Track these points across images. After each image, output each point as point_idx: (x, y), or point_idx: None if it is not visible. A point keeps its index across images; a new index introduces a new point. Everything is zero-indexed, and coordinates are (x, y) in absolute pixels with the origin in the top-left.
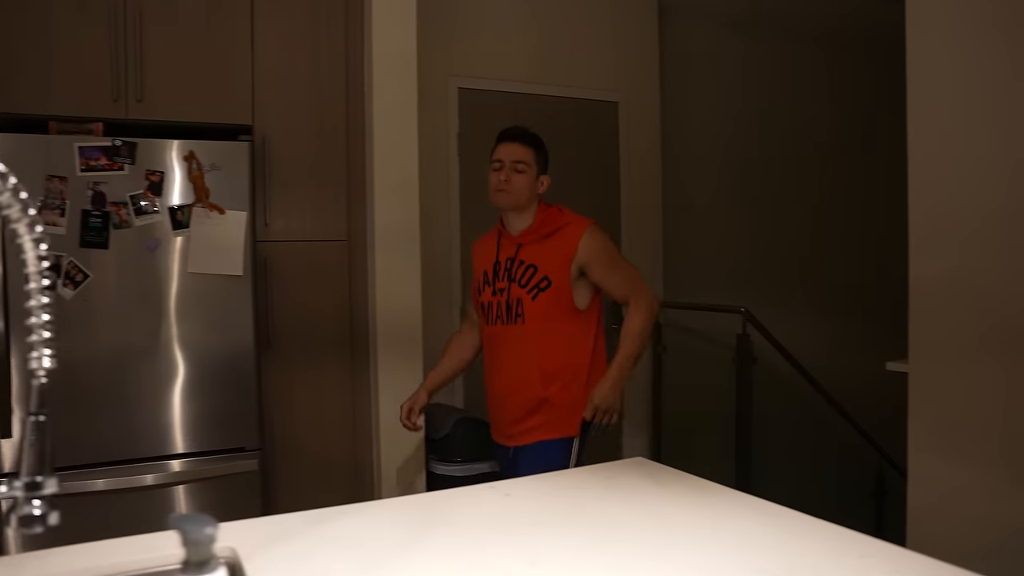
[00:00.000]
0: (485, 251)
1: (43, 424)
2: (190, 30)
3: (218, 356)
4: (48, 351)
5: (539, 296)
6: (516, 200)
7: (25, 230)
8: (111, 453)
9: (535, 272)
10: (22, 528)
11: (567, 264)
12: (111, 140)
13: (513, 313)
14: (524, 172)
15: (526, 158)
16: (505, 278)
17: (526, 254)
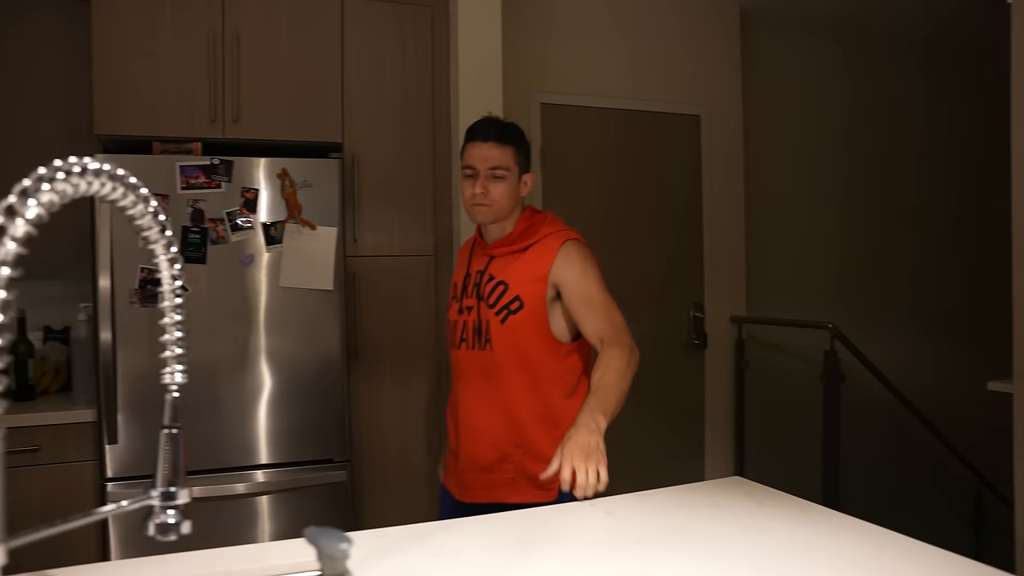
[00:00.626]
0: (460, 261)
1: (176, 436)
2: (283, 52)
3: (308, 369)
4: (180, 367)
5: (509, 319)
6: (497, 213)
7: (162, 250)
8: (204, 462)
9: (505, 290)
10: (158, 535)
11: (541, 282)
12: (209, 159)
13: (481, 337)
14: (504, 179)
15: (504, 161)
16: (474, 295)
17: (497, 268)
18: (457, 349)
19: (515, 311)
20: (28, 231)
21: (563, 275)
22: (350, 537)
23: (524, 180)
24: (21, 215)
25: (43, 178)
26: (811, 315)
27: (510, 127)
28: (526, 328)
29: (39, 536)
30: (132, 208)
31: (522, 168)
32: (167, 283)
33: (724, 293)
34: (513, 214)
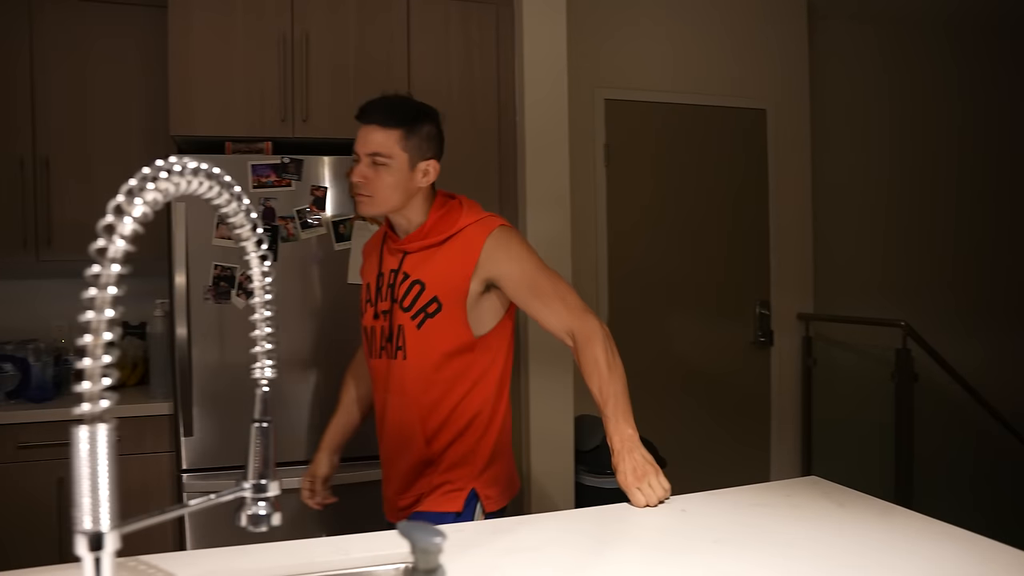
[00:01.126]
0: (370, 258)
1: (267, 429)
2: (351, 51)
3: None
4: (270, 362)
5: (426, 324)
6: (381, 206)
7: (253, 247)
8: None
9: (422, 291)
10: (250, 526)
11: (464, 281)
12: (280, 158)
13: (394, 344)
14: (386, 166)
15: (386, 147)
16: (388, 297)
17: (412, 265)
18: (377, 358)
19: (432, 314)
20: (135, 229)
21: (500, 269)
22: (444, 531)
23: (422, 168)
24: (128, 213)
25: (147, 177)
26: (882, 312)
27: (401, 106)
28: (441, 332)
29: (147, 523)
30: (226, 206)
31: (416, 154)
32: (257, 279)
33: (791, 290)
34: (416, 204)
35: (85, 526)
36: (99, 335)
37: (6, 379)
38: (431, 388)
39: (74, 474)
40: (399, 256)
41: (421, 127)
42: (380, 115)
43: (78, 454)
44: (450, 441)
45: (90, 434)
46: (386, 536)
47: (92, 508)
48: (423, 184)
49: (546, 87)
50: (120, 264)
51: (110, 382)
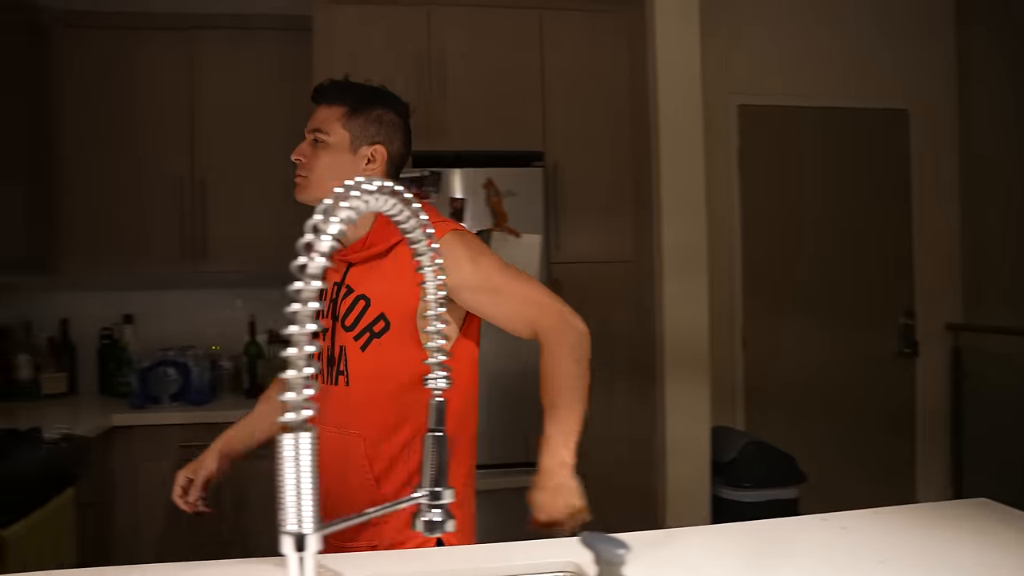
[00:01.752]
0: None
1: (441, 439)
2: (485, 66)
3: (516, 374)
4: (443, 373)
5: (372, 345)
6: (315, 190)
7: (428, 261)
8: None
9: (367, 307)
10: (425, 532)
11: (415, 296)
12: (420, 171)
13: (335, 369)
14: (324, 144)
15: (327, 123)
16: (329, 314)
17: (356, 279)
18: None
19: (379, 333)
20: (333, 245)
21: (450, 277)
22: (627, 542)
23: (365, 153)
24: (325, 231)
25: (341, 196)
26: None
27: (353, 87)
28: (390, 354)
29: (344, 526)
30: (405, 222)
31: (360, 136)
32: (431, 292)
33: (937, 299)
34: None
35: (290, 527)
36: (302, 347)
37: (169, 383)
38: (378, 420)
39: (279, 479)
40: (343, 268)
41: (370, 109)
42: (328, 93)
43: (284, 460)
44: (404, 483)
45: (294, 442)
46: (549, 544)
47: (297, 511)
48: (367, 173)
49: (680, 94)
50: (320, 279)
51: (313, 392)
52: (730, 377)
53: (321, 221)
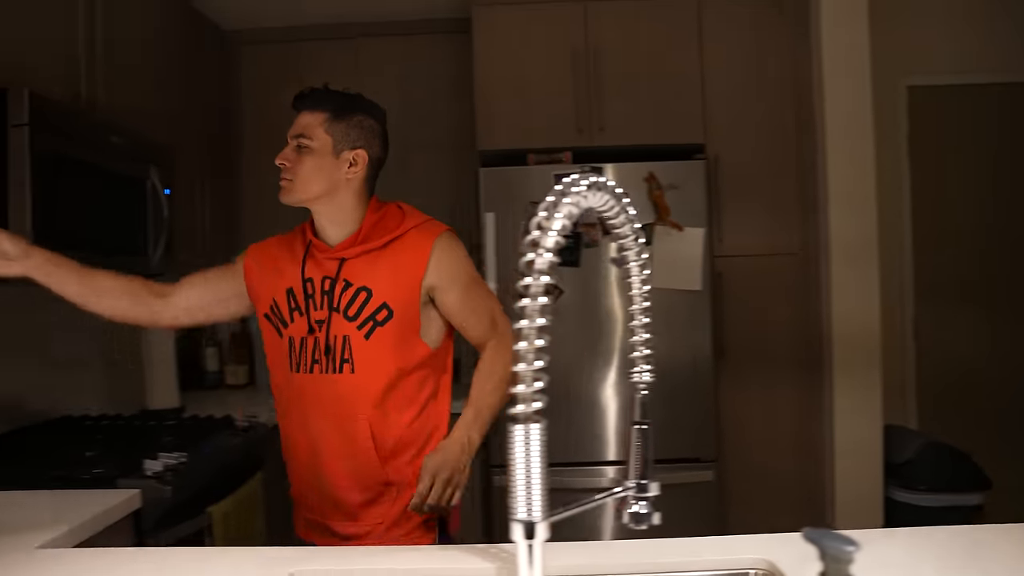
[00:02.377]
0: (277, 262)
1: (646, 431)
2: (642, 59)
3: (675, 367)
4: (647, 366)
5: (375, 332)
6: (300, 192)
7: (634, 256)
8: (573, 454)
9: (369, 298)
10: (631, 524)
11: (415, 287)
12: (580, 167)
13: (337, 357)
14: (308, 149)
15: (309, 129)
16: (325, 306)
17: (354, 272)
18: (304, 374)
19: (383, 322)
20: (557, 241)
21: (440, 279)
22: (856, 540)
23: (347, 157)
24: (550, 228)
25: (561, 193)
26: None
27: (333, 93)
28: (395, 341)
29: (568, 514)
30: (615, 217)
31: (342, 141)
32: (636, 287)
33: None
34: (345, 203)
35: (521, 515)
36: (532, 341)
37: None
38: (384, 402)
39: (510, 468)
40: (335, 263)
41: (351, 115)
42: (309, 100)
43: (514, 450)
44: (408, 462)
45: (525, 433)
46: (741, 540)
47: (527, 500)
48: (350, 176)
49: (848, 80)
50: (548, 275)
51: (542, 385)
52: (900, 373)
53: (544, 219)
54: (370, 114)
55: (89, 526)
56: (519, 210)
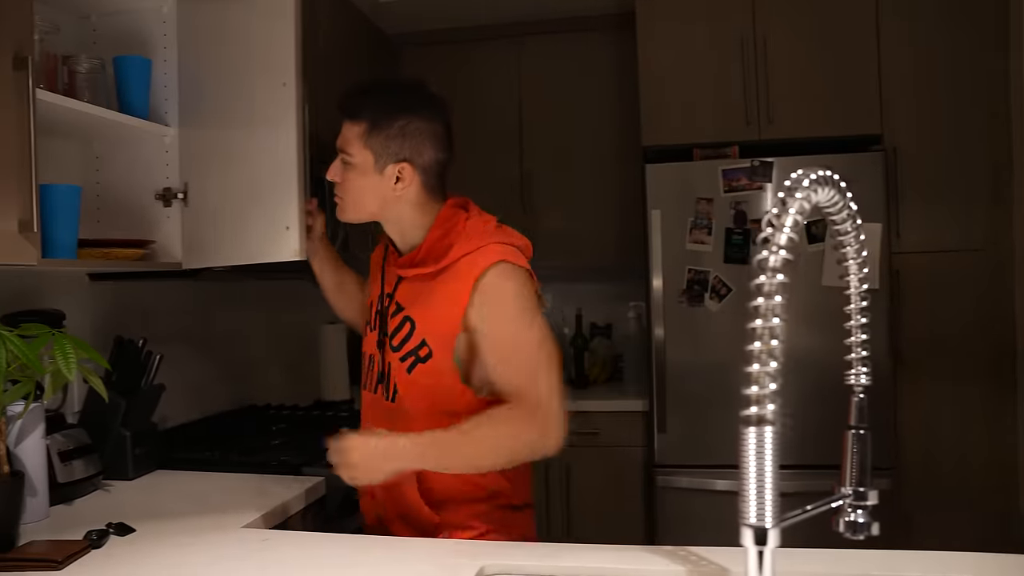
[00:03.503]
0: (374, 272)
1: (864, 436)
2: (813, 48)
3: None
4: (865, 369)
5: (416, 369)
6: (353, 212)
7: (853, 253)
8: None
9: (412, 330)
10: (847, 533)
11: (454, 327)
12: (749, 161)
13: (388, 382)
14: (352, 166)
15: (349, 144)
16: (378, 327)
17: (405, 295)
18: (369, 391)
19: (424, 359)
20: (791, 237)
21: (483, 319)
22: None
23: (392, 172)
24: (783, 226)
25: (791, 189)
26: None
27: (375, 94)
28: (438, 385)
29: (800, 518)
30: (837, 214)
31: (383, 155)
32: (854, 287)
33: None
34: (406, 215)
35: (751, 520)
36: (767, 341)
37: None
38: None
39: (741, 471)
40: (395, 279)
41: (392, 121)
42: (349, 107)
43: (746, 454)
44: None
45: (757, 436)
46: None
47: (758, 505)
48: (399, 192)
49: None
50: (782, 273)
51: (776, 387)
52: None
53: (776, 215)
54: (417, 114)
55: (282, 510)
56: (686, 206)
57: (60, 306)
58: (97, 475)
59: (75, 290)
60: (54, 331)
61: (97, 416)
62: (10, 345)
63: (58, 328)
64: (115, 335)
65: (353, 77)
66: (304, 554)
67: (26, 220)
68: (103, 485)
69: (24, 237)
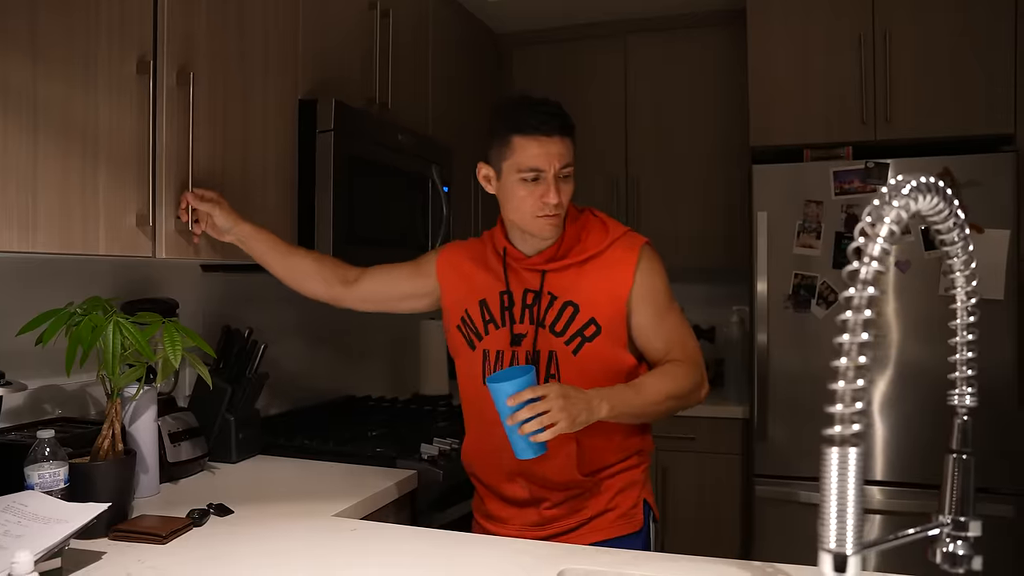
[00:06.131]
0: (470, 271)
1: (966, 462)
2: (937, 43)
3: None
4: (970, 389)
5: (584, 349)
6: (559, 228)
7: (960, 264)
8: None
9: (576, 313)
10: (945, 565)
11: (622, 301)
12: (863, 163)
13: (543, 372)
14: (570, 179)
15: (568, 158)
16: (526, 319)
17: (557, 285)
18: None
19: (591, 338)
20: (884, 248)
21: (643, 293)
22: None
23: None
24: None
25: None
26: None
27: (565, 113)
28: (602, 358)
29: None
30: (942, 223)
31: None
32: (960, 300)
33: None
34: None
35: (831, 546)
36: (853, 358)
37: None
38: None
39: (822, 493)
40: (535, 275)
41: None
42: (560, 125)
43: (828, 474)
44: (614, 473)
45: (840, 456)
46: None
47: (839, 529)
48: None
49: None
50: (873, 286)
51: (862, 407)
52: None
53: (868, 224)
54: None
55: (373, 501)
56: (794, 209)
57: (175, 295)
58: (203, 456)
59: (189, 280)
60: (165, 320)
61: (205, 401)
62: (124, 331)
63: (172, 316)
64: (223, 324)
65: (463, 75)
66: (389, 547)
67: (143, 214)
68: (208, 466)
69: (140, 231)
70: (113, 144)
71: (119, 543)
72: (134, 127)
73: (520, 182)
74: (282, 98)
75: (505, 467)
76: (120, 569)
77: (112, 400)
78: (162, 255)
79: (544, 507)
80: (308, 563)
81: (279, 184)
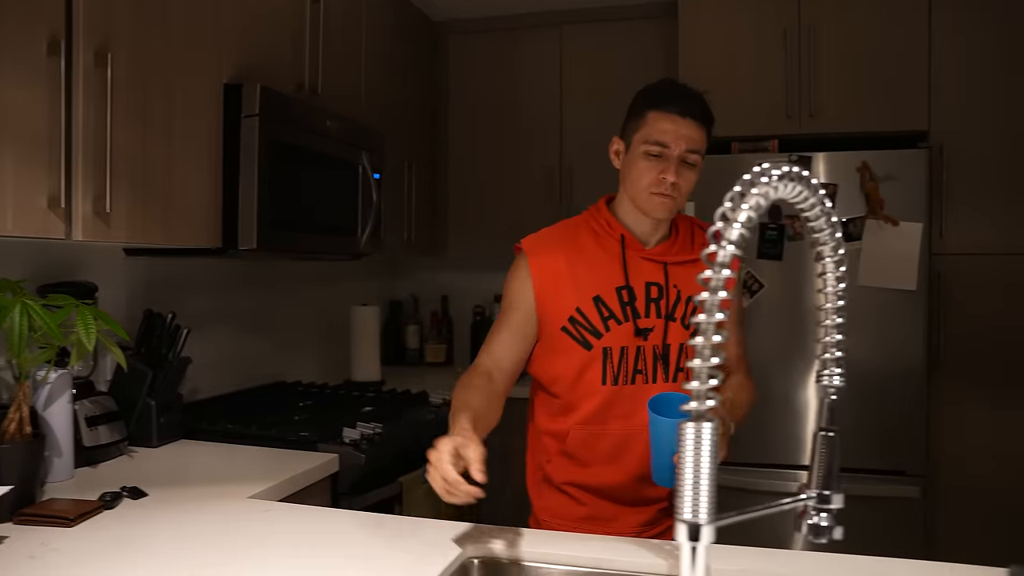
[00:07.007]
0: (575, 266)
1: (832, 439)
2: (860, 40)
3: (880, 373)
4: (839, 369)
5: None
6: (676, 210)
7: (830, 252)
8: (766, 455)
9: None
10: (810, 536)
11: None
12: (787, 156)
13: (671, 366)
14: (696, 167)
15: (703, 145)
16: (652, 312)
17: (681, 280)
18: (617, 386)
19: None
20: (742, 233)
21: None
22: None
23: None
24: (735, 220)
25: (749, 183)
26: None
27: (706, 102)
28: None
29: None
30: (809, 210)
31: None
32: (831, 285)
33: None
34: None
35: (685, 516)
36: (709, 337)
37: None
38: None
39: (680, 467)
40: (657, 266)
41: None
42: (700, 111)
43: (685, 449)
44: None
45: (695, 431)
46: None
47: (693, 500)
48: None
49: None
50: (728, 268)
51: (716, 383)
52: None
53: (729, 209)
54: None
55: (291, 484)
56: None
57: (96, 279)
58: (122, 441)
59: (111, 264)
60: (78, 303)
61: (126, 385)
62: (32, 313)
63: (89, 300)
64: (146, 308)
65: (398, 62)
66: (300, 527)
67: (54, 196)
68: (128, 451)
69: (52, 212)
70: (21, 125)
71: (24, 527)
72: (44, 109)
73: (644, 155)
74: (206, 82)
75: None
76: (22, 552)
77: (20, 383)
78: (78, 237)
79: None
80: (217, 543)
81: (203, 169)
